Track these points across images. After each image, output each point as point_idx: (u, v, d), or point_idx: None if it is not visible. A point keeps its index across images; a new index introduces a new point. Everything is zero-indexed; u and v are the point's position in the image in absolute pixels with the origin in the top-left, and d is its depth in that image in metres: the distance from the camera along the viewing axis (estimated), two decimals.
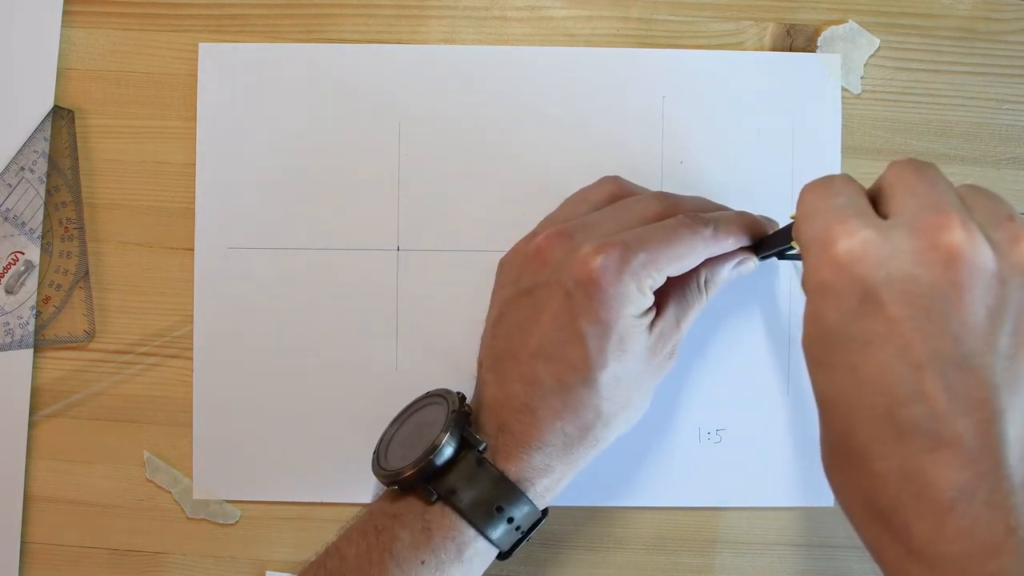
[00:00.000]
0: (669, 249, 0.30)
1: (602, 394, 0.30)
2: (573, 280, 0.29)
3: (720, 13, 0.39)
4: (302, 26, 0.39)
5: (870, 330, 0.23)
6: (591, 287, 0.29)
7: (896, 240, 0.23)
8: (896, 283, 0.22)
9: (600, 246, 0.29)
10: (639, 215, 0.32)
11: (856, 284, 0.23)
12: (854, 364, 0.23)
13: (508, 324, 0.31)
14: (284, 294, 0.38)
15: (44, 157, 0.38)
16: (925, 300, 0.22)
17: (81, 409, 0.39)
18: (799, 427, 0.38)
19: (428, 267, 0.38)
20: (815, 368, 0.25)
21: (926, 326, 0.22)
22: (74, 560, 0.38)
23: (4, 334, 0.38)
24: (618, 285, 0.29)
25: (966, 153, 0.39)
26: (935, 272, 0.22)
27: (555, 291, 0.29)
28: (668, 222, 0.31)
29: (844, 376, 0.23)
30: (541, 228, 0.32)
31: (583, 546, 0.39)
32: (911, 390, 0.22)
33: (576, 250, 0.29)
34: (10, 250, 0.38)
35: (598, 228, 0.31)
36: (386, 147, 0.38)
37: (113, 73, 0.39)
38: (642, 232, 0.30)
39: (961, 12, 0.39)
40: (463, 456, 0.29)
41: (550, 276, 0.30)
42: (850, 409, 0.23)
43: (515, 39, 0.39)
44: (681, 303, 0.33)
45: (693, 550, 0.39)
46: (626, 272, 0.29)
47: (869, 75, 0.39)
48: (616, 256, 0.29)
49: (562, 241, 0.30)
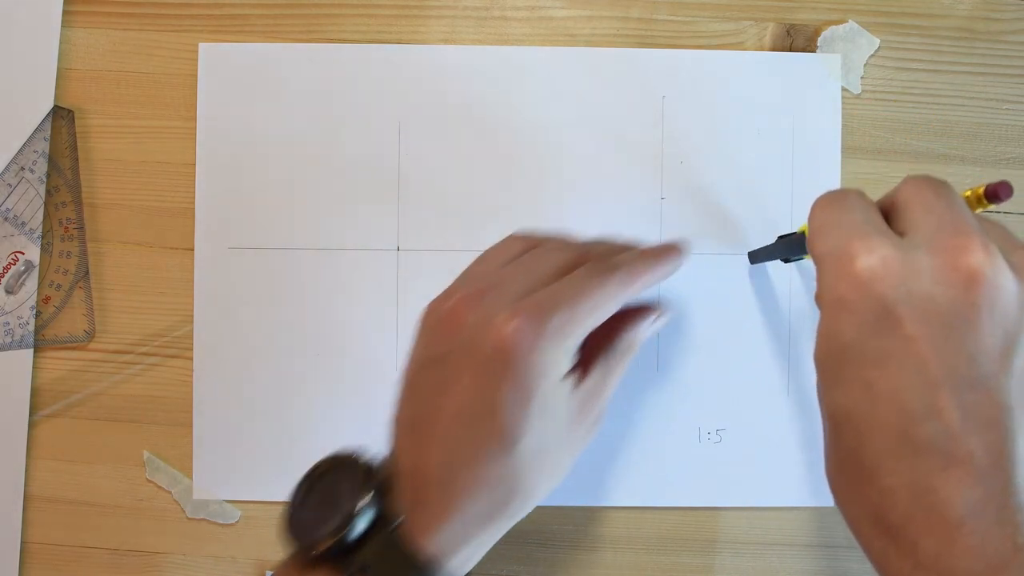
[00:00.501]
0: (583, 304, 0.29)
1: (523, 464, 0.28)
2: (490, 348, 0.28)
3: (720, 13, 0.39)
4: (302, 26, 0.39)
5: (887, 347, 0.23)
6: (508, 355, 0.28)
7: (916, 259, 0.23)
8: (915, 302, 0.22)
9: (514, 311, 0.28)
10: (552, 266, 0.31)
11: (874, 301, 0.23)
12: (869, 380, 0.23)
13: (424, 390, 0.30)
14: (284, 294, 0.38)
15: (44, 157, 0.38)
16: (943, 319, 0.22)
17: (81, 409, 0.39)
18: (799, 427, 0.38)
19: (428, 267, 0.38)
20: (828, 382, 0.25)
21: (943, 345, 0.22)
22: (74, 560, 0.38)
23: (4, 334, 0.38)
24: (536, 351, 0.28)
25: (966, 153, 0.39)
26: (955, 292, 0.22)
27: (471, 359, 0.28)
28: (577, 275, 0.30)
29: (858, 392, 0.23)
30: (455, 288, 0.31)
31: (583, 546, 0.39)
32: (926, 408, 0.22)
33: (490, 316, 0.28)
34: (10, 250, 0.38)
35: (510, 288, 0.29)
36: (386, 147, 0.38)
37: (113, 73, 0.39)
38: (554, 291, 0.29)
39: (961, 12, 0.39)
40: (378, 531, 0.28)
41: (465, 343, 0.29)
42: (862, 424, 0.23)
43: (515, 39, 0.39)
44: (604, 367, 0.32)
45: (693, 550, 0.39)
46: (543, 336, 0.28)
47: (869, 75, 0.39)
48: (532, 320, 0.28)
49: (475, 306, 0.29)
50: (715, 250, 0.38)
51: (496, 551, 0.39)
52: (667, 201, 0.38)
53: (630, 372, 0.38)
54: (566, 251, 0.32)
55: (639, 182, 0.38)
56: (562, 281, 0.30)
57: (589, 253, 0.32)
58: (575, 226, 0.38)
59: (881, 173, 0.39)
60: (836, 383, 0.24)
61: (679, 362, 0.39)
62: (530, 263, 0.31)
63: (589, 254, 0.32)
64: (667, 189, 0.38)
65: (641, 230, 0.38)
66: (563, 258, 0.31)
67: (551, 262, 0.31)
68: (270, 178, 0.38)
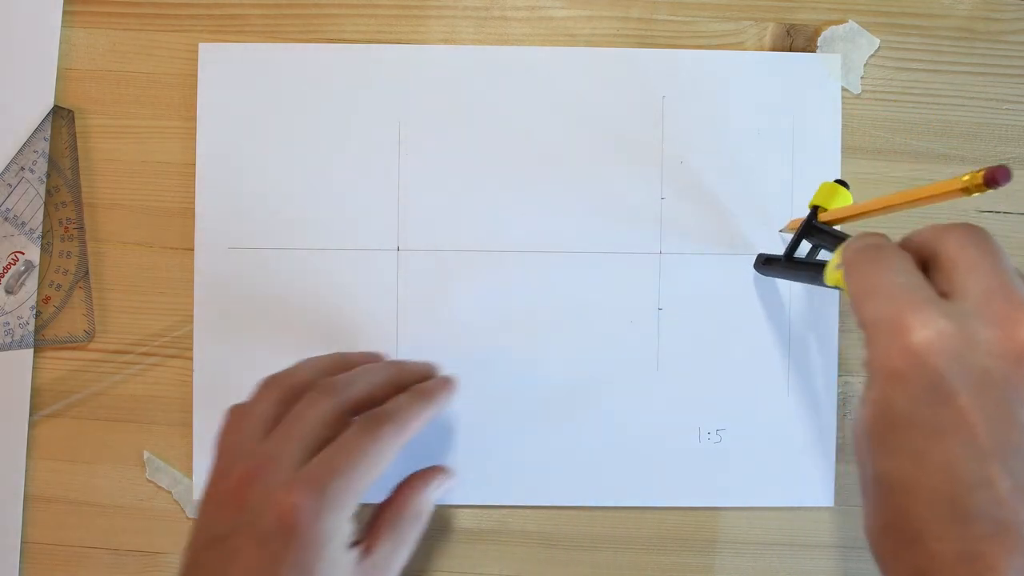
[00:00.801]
0: (360, 465, 0.30)
1: None
2: (271, 524, 0.28)
3: (720, 13, 0.39)
4: (302, 26, 0.39)
5: (940, 418, 0.23)
6: (288, 533, 0.28)
7: (971, 330, 0.23)
8: (969, 374, 0.23)
9: (293, 484, 0.29)
10: (320, 424, 0.31)
11: (929, 374, 0.23)
12: (920, 450, 0.23)
13: (202, 571, 0.29)
14: (284, 294, 0.38)
15: (44, 157, 0.38)
16: (997, 391, 0.23)
17: (81, 409, 0.39)
18: (799, 427, 0.38)
19: (428, 267, 0.38)
20: (877, 448, 0.25)
21: (996, 416, 0.23)
22: (74, 560, 0.38)
23: (4, 334, 0.38)
24: (317, 524, 0.28)
25: (966, 153, 0.39)
26: (1008, 365, 0.23)
27: (252, 538, 0.28)
28: (350, 435, 0.31)
29: (908, 460, 0.24)
30: (229, 463, 0.31)
31: (583, 546, 0.39)
32: (977, 477, 0.22)
33: (271, 492, 0.29)
34: (10, 250, 0.38)
35: (287, 461, 0.30)
36: (386, 147, 0.38)
37: (113, 73, 0.39)
38: (329, 458, 0.30)
39: (961, 12, 0.39)
40: None
41: (245, 523, 0.29)
42: (911, 491, 0.24)
43: (515, 39, 0.39)
44: (393, 538, 0.33)
45: (693, 550, 0.39)
46: (324, 509, 0.28)
47: (869, 75, 0.39)
48: (311, 492, 0.28)
49: (255, 483, 0.29)
50: (715, 250, 0.38)
51: (496, 551, 0.39)
52: (667, 201, 0.38)
53: (630, 372, 0.38)
54: (325, 401, 0.32)
55: (639, 182, 0.38)
56: (335, 444, 0.30)
57: (347, 398, 0.32)
58: (575, 226, 0.38)
59: (881, 173, 0.39)
60: (886, 450, 0.24)
61: (679, 362, 0.39)
62: (298, 428, 0.31)
63: (347, 399, 0.32)
64: (667, 189, 0.38)
65: (641, 230, 0.38)
66: (327, 411, 0.31)
67: (317, 420, 0.31)
68: (270, 178, 0.38)
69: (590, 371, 0.38)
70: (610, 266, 0.38)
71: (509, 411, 0.38)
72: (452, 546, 0.39)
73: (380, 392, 0.33)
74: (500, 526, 0.39)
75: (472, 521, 0.39)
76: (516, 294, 0.38)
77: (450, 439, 0.38)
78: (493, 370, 0.38)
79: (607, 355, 0.38)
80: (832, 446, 0.38)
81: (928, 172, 0.39)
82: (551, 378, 0.38)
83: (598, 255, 0.38)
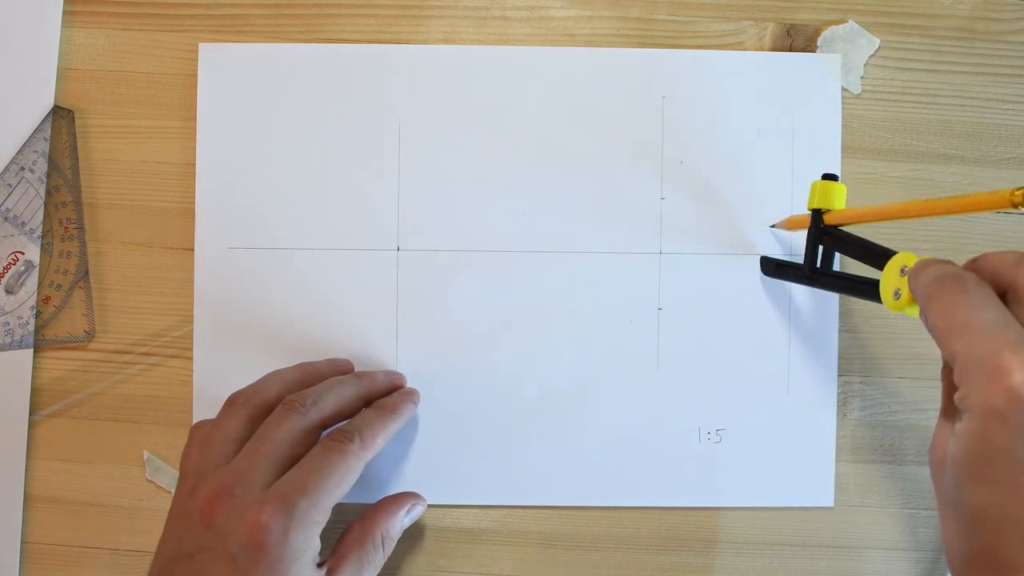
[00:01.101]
0: (327, 482, 0.30)
1: None
2: (239, 544, 0.29)
3: (720, 13, 0.39)
4: (302, 26, 0.39)
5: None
6: (256, 551, 0.28)
7: None
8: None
9: (263, 501, 0.29)
10: (288, 442, 0.31)
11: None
12: (1019, 483, 0.24)
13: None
14: (284, 294, 0.38)
15: (44, 157, 0.38)
16: None
17: (81, 409, 0.39)
18: (799, 427, 0.38)
19: (428, 267, 0.38)
20: (971, 481, 0.26)
21: None
22: (74, 560, 0.38)
23: (4, 334, 0.38)
24: (284, 543, 0.29)
25: (966, 153, 0.39)
26: None
27: (219, 555, 0.29)
28: (317, 452, 0.31)
29: (1006, 492, 0.25)
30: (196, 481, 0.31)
31: (583, 546, 0.39)
32: None
33: (241, 510, 0.29)
34: (10, 250, 0.38)
35: (255, 479, 0.30)
36: (386, 147, 0.38)
37: (113, 73, 0.39)
38: (298, 476, 0.30)
39: (961, 12, 0.39)
40: None
41: (214, 540, 0.29)
42: (1005, 522, 0.25)
43: (515, 39, 0.39)
44: (359, 562, 0.33)
45: (693, 550, 0.39)
46: (292, 527, 0.29)
47: (869, 75, 0.39)
48: (280, 509, 0.29)
49: (225, 501, 0.30)
50: (715, 250, 0.38)
51: (497, 551, 0.39)
52: (667, 201, 0.38)
53: (630, 372, 0.38)
54: (292, 418, 0.32)
55: (639, 182, 0.38)
56: (303, 463, 0.31)
57: (315, 415, 0.33)
58: (575, 226, 0.38)
59: (881, 173, 0.39)
60: (981, 482, 0.25)
61: (679, 362, 0.39)
62: (266, 446, 0.31)
63: (315, 416, 0.33)
64: (667, 189, 0.38)
65: (641, 230, 0.38)
66: (295, 428, 0.32)
67: (285, 438, 0.32)
68: (270, 178, 0.38)
69: (590, 371, 0.38)
70: (610, 266, 0.38)
71: (509, 411, 0.38)
72: (452, 546, 0.39)
73: (347, 407, 0.34)
74: (500, 526, 0.39)
75: (472, 521, 0.39)
76: (516, 294, 0.38)
77: (450, 439, 0.38)
78: (493, 370, 0.38)
79: (607, 355, 0.38)
80: (832, 446, 0.38)
81: (928, 172, 0.39)
82: (551, 378, 0.38)
83: (598, 255, 0.38)
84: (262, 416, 0.33)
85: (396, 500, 0.36)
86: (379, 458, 0.38)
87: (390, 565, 0.38)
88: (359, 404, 0.35)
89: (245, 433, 0.32)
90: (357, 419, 0.34)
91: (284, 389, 0.34)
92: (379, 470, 0.38)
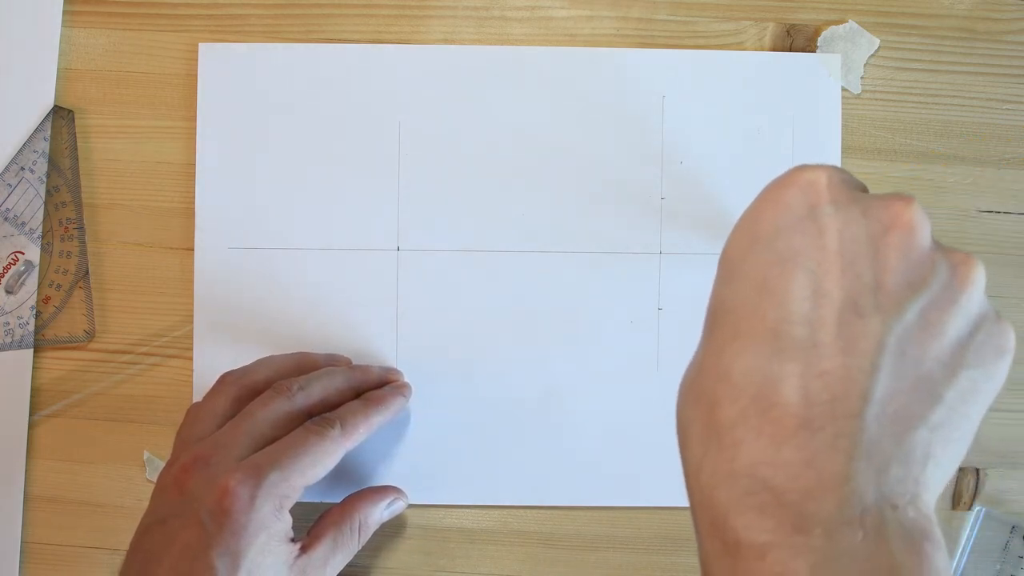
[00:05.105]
0: (301, 460, 0.30)
1: None
2: (207, 510, 0.29)
3: (720, 13, 0.39)
4: (302, 26, 0.39)
5: (797, 246, 0.22)
6: (222, 516, 0.29)
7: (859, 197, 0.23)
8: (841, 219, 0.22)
9: (233, 471, 0.29)
10: (271, 423, 0.32)
11: (810, 197, 0.23)
12: (766, 277, 0.22)
13: (143, 553, 0.30)
14: (284, 294, 0.38)
15: (44, 157, 0.38)
16: (859, 246, 0.22)
17: (81, 409, 0.39)
18: None
19: (428, 267, 0.38)
20: (725, 277, 0.24)
21: (849, 269, 0.22)
22: (74, 560, 0.38)
23: (4, 334, 0.38)
24: (251, 511, 0.29)
25: (966, 153, 0.39)
26: (878, 228, 0.22)
27: (189, 521, 0.29)
28: (296, 433, 0.31)
29: (750, 287, 0.23)
30: (179, 452, 0.32)
31: (583, 546, 0.39)
32: (808, 314, 0.22)
33: (213, 478, 0.30)
34: (10, 250, 0.38)
35: (233, 452, 0.30)
36: (386, 147, 0.38)
37: (113, 73, 0.39)
38: (273, 450, 0.31)
39: (961, 12, 0.39)
40: None
41: (185, 506, 0.30)
42: (741, 319, 0.23)
43: (515, 39, 0.39)
44: (334, 544, 0.33)
45: (693, 550, 0.39)
46: (259, 496, 0.29)
47: (869, 75, 0.39)
48: (249, 478, 0.29)
49: (201, 469, 0.30)
50: (715, 250, 0.38)
51: (497, 551, 0.39)
52: (667, 201, 0.38)
53: (630, 371, 0.38)
54: (278, 401, 0.32)
55: (639, 182, 0.38)
56: (282, 440, 0.31)
57: (301, 401, 0.33)
58: (575, 226, 0.38)
59: (881, 173, 0.39)
60: (731, 279, 0.24)
61: (679, 362, 0.38)
62: (248, 423, 0.32)
63: (301, 402, 0.33)
64: (667, 189, 0.38)
65: (641, 230, 0.38)
66: (279, 411, 0.32)
67: (268, 418, 0.32)
68: (270, 178, 0.38)
69: (590, 371, 0.38)
70: (610, 266, 0.38)
71: (509, 411, 0.38)
72: (452, 546, 0.39)
73: (335, 396, 0.34)
74: (500, 526, 0.39)
75: (472, 521, 0.39)
76: (516, 294, 0.38)
77: (450, 439, 0.38)
78: (493, 370, 0.38)
79: (607, 355, 0.38)
80: None
81: (928, 172, 0.39)
82: (551, 378, 0.38)
83: (598, 255, 0.38)
84: (249, 397, 0.33)
85: (379, 491, 0.37)
86: (378, 457, 0.38)
87: (390, 565, 0.38)
88: (349, 395, 0.35)
89: (230, 410, 0.33)
90: (342, 408, 0.34)
91: (275, 374, 0.34)
92: (377, 469, 0.38)
